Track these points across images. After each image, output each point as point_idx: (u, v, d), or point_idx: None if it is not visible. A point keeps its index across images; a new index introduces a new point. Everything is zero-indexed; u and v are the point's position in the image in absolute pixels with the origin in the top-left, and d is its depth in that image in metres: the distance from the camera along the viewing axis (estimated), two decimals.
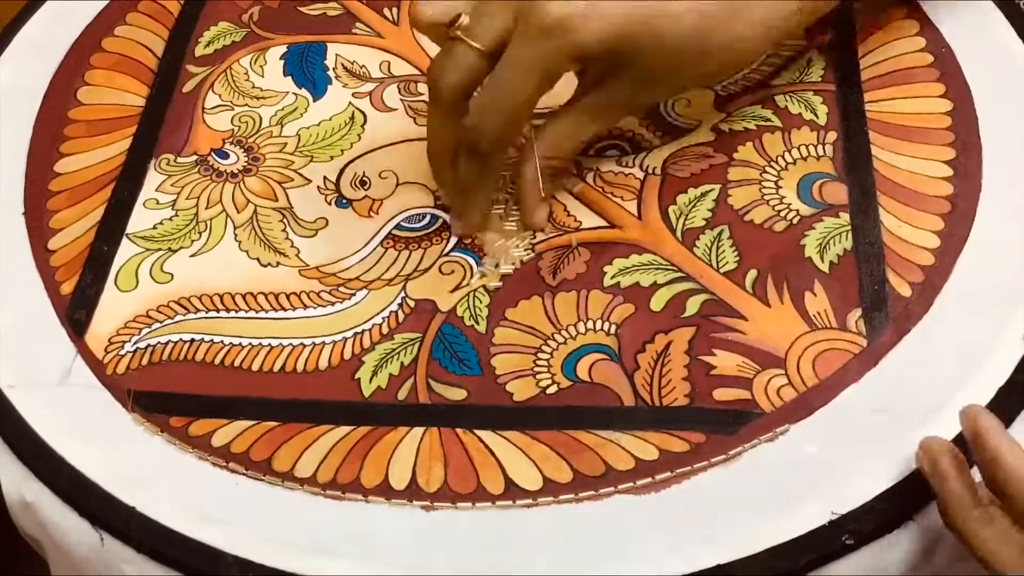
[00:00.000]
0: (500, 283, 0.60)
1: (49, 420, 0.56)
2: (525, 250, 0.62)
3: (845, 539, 0.49)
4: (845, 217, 0.60)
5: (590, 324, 0.58)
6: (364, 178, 0.66)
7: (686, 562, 0.49)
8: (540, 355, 0.57)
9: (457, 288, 0.60)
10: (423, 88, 0.70)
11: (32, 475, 0.55)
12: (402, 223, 0.64)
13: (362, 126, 0.69)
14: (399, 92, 0.71)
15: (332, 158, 0.68)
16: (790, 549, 0.49)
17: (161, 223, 0.65)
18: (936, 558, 0.51)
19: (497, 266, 0.61)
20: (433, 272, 0.61)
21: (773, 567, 0.49)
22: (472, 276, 0.61)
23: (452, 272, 0.61)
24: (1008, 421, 0.52)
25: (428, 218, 0.64)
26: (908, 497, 0.50)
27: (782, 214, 0.61)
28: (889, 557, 0.50)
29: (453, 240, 0.63)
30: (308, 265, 0.62)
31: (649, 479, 0.52)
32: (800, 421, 0.53)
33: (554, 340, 0.57)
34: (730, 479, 0.52)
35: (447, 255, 0.62)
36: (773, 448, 0.53)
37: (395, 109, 0.70)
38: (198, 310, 0.61)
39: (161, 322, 0.60)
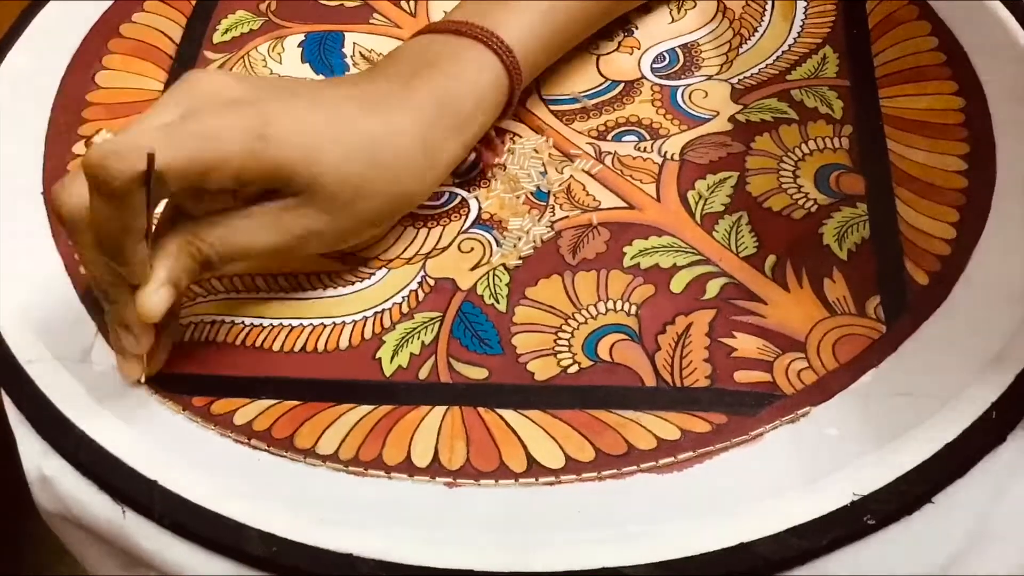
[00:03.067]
0: (520, 261, 0.60)
1: (69, 395, 0.56)
2: (546, 226, 0.62)
3: (867, 519, 0.49)
4: (862, 207, 0.61)
5: (610, 304, 0.58)
6: None
7: (709, 541, 0.49)
8: (561, 335, 0.57)
9: (477, 266, 0.60)
10: None
11: (52, 449, 0.55)
12: None
13: None
14: None
15: None
16: (812, 528, 0.49)
17: None
18: (956, 538, 0.51)
19: (517, 244, 0.61)
20: (452, 250, 0.61)
21: (795, 546, 0.49)
22: (492, 254, 0.61)
23: (471, 250, 0.61)
24: None
25: (447, 196, 0.64)
26: (929, 479, 0.50)
27: (800, 203, 0.61)
28: (910, 538, 0.50)
29: (472, 217, 0.63)
30: None
31: (671, 459, 0.52)
32: (821, 404, 0.53)
33: (575, 320, 0.57)
34: (752, 460, 0.52)
35: (466, 232, 0.62)
36: (794, 430, 0.53)
37: None
38: (218, 291, 0.61)
39: (181, 303, 0.60)
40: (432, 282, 0.60)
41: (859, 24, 0.70)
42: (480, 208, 0.63)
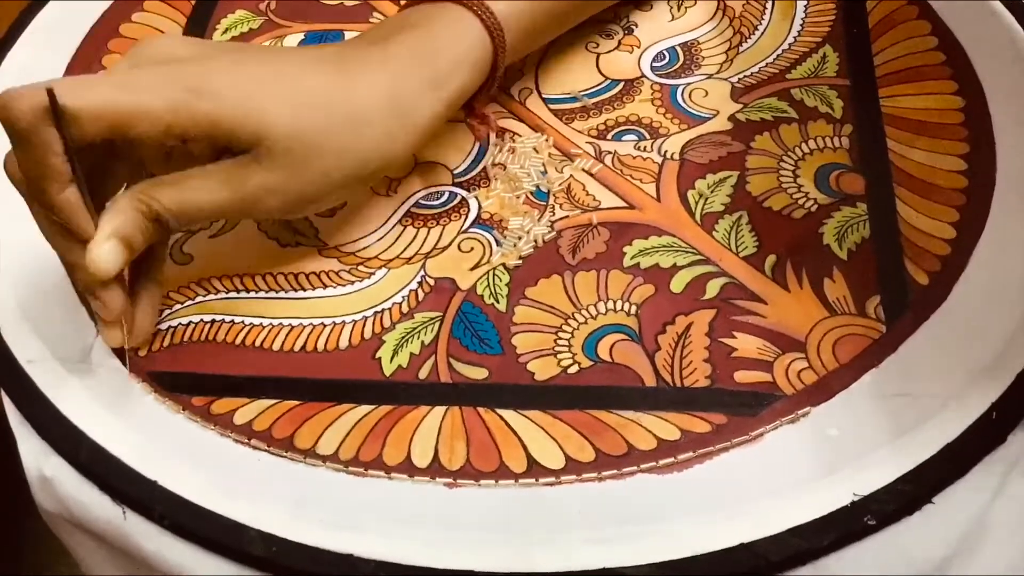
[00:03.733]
0: (520, 261, 0.60)
1: (70, 395, 0.57)
2: (546, 226, 0.62)
3: (867, 519, 0.49)
4: (862, 207, 0.61)
5: (610, 304, 0.58)
6: None
7: (709, 541, 0.49)
8: (561, 334, 0.57)
9: (476, 266, 0.60)
10: None
11: (52, 449, 0.55)
12: (420, 201, 0.64)
13: None
14: None
15: None
16: (812, 529, 0.49)
17: None
18: (956, 539, 0.51)
19: (517, 244, 0.61)
20: (452, 250, 0.61)
21: (796, 546, 0.49)
22: (492, 254, 0.61)
23: (471, 250, 0.61)
24: None
25: (447, 195, 0.64)
26: (929, 479, 0.50)
27: (800, 202, 0.61)
28: (910, 538, 0.50)
29: (472, 217, 0.63)
30: (327, 245, 0.62)
31: (671, 459, 0.52)
32: (821, 404, 0.53)
33: (575, 320, 0.57)
34: (752, 460, 0.52)
35: (466, 232, 0.62)
36: (794, 430, 0.53)
37: None
38: (218, 291, 0.61)
39: (182, 303, 0.60)
40: (432, 282, 0.60)
41: (859, 23, 0.70)
42: (480, 208, 0.63)
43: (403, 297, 0.59)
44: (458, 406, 0.55)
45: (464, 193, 0.64)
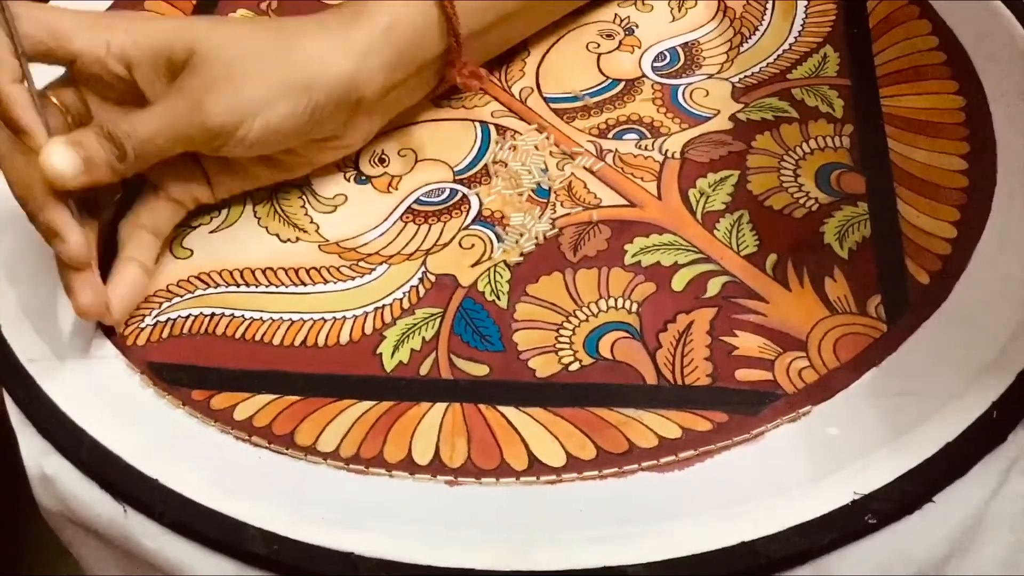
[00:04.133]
0: (521, 258, 0.60)
1: (70, 393, 0.57)
2: (548, 223, 0.62)
3: (868, 518, 0.49)
4: (863, 206, 0.61)
5: (612, 302, 0.58)
6: (383, 156, 0.67)
7: (710, 540, 0.49)
8: (562, 332, 0.57)
9: (478, 263, 0.60)
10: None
11: (53, 448, 0.55)
12: (421, 198, 0.64)
13: None
14: None
15: None
16: (813, 527, 0.49)
17: None
18: (957, 537, 0.51)
19: (518, 241, 0.61)
20: (453, 246, 0.61)
21: (797, 545, 0.49)
22: (493, 251, 0.61)
23: (472, 246, 0.61)
24: None
25: (448, 192, 0.64)
26: (930, 478, 0.50)
27: (801, 201, 0.61)
28: (911, 537, 0.50)
29: (473, 213, 0.63)
30: (328, 240, 0.63)
31: (673, 457, 0.52)
32: (822, 403, 0.53)
33: (576, 317, 0.57)
34: (753, 459, 0.52)
35: (467, 228, 0.62)
36: (795, 429, 0.53)
37: None
38: (218, 284, 0.61)
39: (181, 296, 0.60)
40: (433, 278, 0.60)
41: (860, 23, 0.70)
42: (481, 204, 0.63)
43: (404, 293, 0.59)
44: (459, 403, 0.55)
45: (465, 190, 0.64)
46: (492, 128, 0.67)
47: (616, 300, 0.58)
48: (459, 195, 0.64)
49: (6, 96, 0.53)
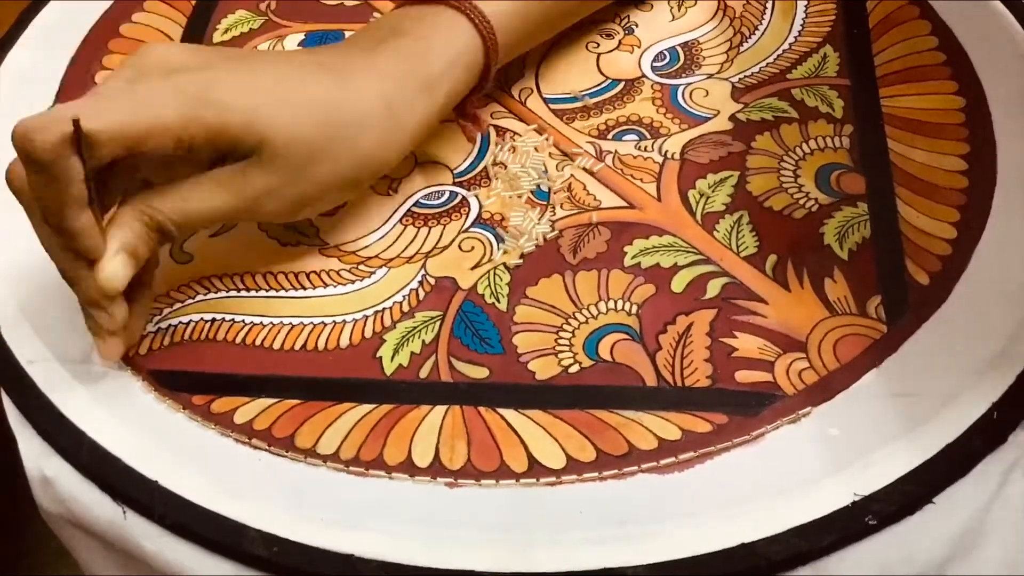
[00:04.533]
0: (521, 260, 0.60)
1: (70, 396, 0.57)
2: (547, 225, 0.62)
3: (868, 519, 0.49)
4: (863, 207, 0.61)
5: (611, 304, 0.58)
6: None
7: (710, 541, 0.49)
8: (562, 334, 0.57)
9: (477, 265, 0.60)
10: None
11: (52, 450, 0.55)
12: (421, 200, 0.64)
13: None
14: None
15: None
16: (813, 529, 0.49)
17: None
18: (957, 538, 0.51)
19: (518, 243, 0.61)
20: (453, 249, 0.61)
21: (796, 546, 0.49)
22: (493, 253, 0.61)
23: (472, 249, 0.61)
24: None
25: (447, 195, 0.64)
26: (930, 479, 0.50)
27: (801, 202, 0.61)
28: (911, 538, 0.50)
29: (472, 216, 0.63)
30: (327, 244, 0.62)
31: (672, 459, 0.52)
32: (822, 404, 0.53)
33: (575, 319, 0.57)
34: (753, 460, 0.52)
35: (467, 231, 0.62)
36: (795, 430, 0.53)
37: None
38: (218, 289, 0.61)
39: (182, 301, 0.60)
40: (432, 281, 0.60)
41: (859, 23, 0.70)
42: (481, 207, 0.63)
43: (404, 296, 0.59)
44: (459, 405, 0.55)
45: (465, 192, 0.64)
46: (492, 129, 0.67)
47: (616, 302, 0.58)
48: (459, 198, 0.64)
49: (76, 232, 0.52)
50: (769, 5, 0.72)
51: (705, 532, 0.49)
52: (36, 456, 0.55)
